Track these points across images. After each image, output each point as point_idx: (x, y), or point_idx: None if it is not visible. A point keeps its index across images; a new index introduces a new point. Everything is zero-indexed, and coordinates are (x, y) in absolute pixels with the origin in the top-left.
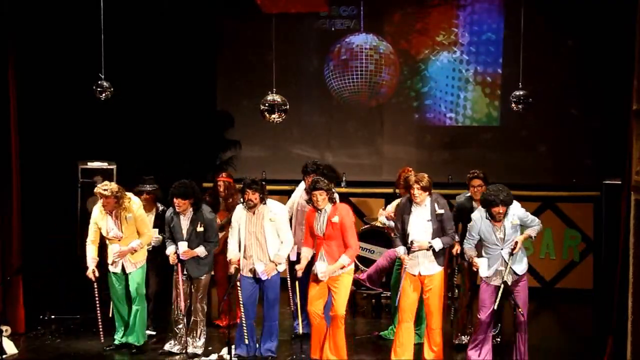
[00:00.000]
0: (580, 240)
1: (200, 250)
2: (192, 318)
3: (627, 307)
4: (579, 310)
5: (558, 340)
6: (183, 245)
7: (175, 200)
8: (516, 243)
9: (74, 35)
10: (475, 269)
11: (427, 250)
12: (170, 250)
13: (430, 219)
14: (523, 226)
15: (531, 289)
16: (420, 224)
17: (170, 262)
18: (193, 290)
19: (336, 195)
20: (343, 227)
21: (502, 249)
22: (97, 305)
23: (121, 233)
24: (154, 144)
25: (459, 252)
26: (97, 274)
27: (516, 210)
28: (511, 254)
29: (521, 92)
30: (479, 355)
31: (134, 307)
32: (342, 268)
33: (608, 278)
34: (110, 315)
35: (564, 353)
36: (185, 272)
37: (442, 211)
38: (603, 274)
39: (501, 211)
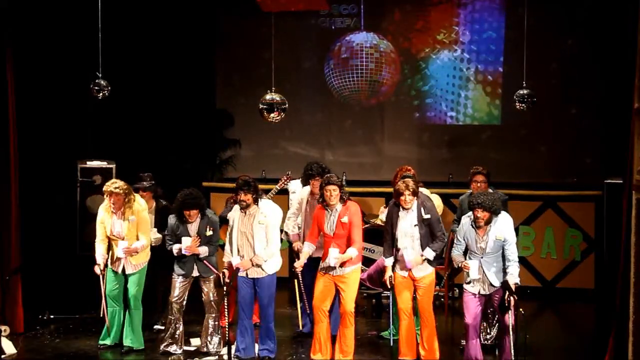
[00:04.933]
0: (582, 240)
1: (203, 250)
2: (207, 314)
3: (628, 307)
4: (580, 309)
5: (559, 339)
6: (187, 241)
7: (186, 212)
8: (512, 298)
9: (72, 34)
10: (466, 271)
11: (421, 263)
12: (176, 247)
13: (417, 224)
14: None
15: (532, 288)
16: (408, 230)
17: (175, 253)
18: (205, 286)
19: None
20: (351, 225)
21: (481, 258)
22: (104, 299)
23: (124, 233)
24: (154, 143)
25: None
26: (103, 270)
27: (505, 227)
28: (508, 309)
29: (525, 91)
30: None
31: (131, 311)
32: (343, 263)
33: (609, 277)
34: (101, 315)
35: (565, 352)
36: (194, 274)
37: (428, 216)
38: (604, 274)
39: (480, 215)
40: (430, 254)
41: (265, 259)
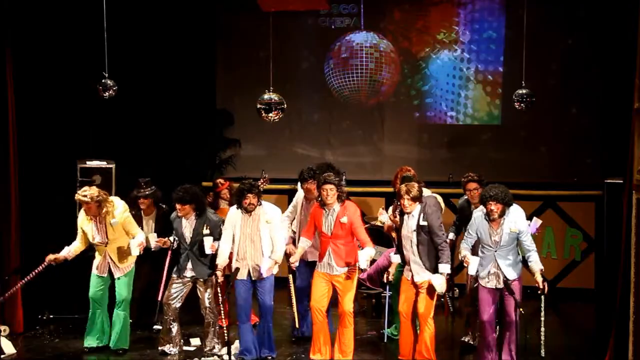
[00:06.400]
0: (582, 240)
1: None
2: (205, 320)
3: (629, 306)
4: (581, 309)
5: (560, 339)
6: (209, 240)
7: (176, 205)
8: (544, 284)
9: (71, 34)
10: (466, 265)
11: (444, 276)
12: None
13: (415, 230)
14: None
15: (532, 288)
16: (407, 234)
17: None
18: (200, 293)
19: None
20: (353, 227)
21: (495, 251)
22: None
23: (106, 239)
24: (154, 142)
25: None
26: (52, 262)
27: (519, 220)
28: (543, 294)
29: (524, 91)
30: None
31: (120, 312)
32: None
33: (610, 277)
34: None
35: (565, 352)
36: (189, 274)
37: (424, 223)
38: (605, 273)
39: (493, 208)
40: (446, 268)
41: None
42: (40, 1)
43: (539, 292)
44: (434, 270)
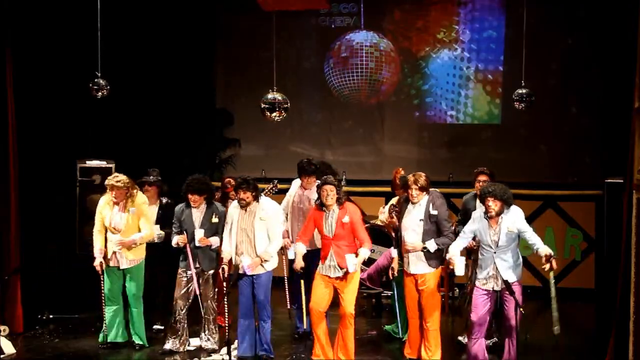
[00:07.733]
0: (582, 239)
1: (215, 240)
2: (205, 316)
3: (629, 306)
4: (581, 309)
5: (560, 339)
6: (200, 233)
7: (190, 196)
8: (551, 262)
9: (71, 34)
10: (451, 267)
11: (422, 251)
12: (178, 237)
13: (423, 219)
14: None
15: (533, 288)
16: (412, 223)
17: (180, 244)
18: (202, 287)
19: None
20: (353, 225)
21: (494, 253)
22: (103, 300)
23: (122, 225)
24: (153, 142)
25: (473, 246)
26: (104, 266)
27: (517, 219)
28: (551, 269)
29: (523, 91)
30: (475, 356)
31: (132, 309)
32: (342, 266)
33: (610, 277)
34: (105, 314)
35: (565, 352)
36: (197, 266)
37: (435, 212)
38: (605, 273)
39: (491, 204)
40: (432, 245)
41: (272, 255)
42: (40, 1)
43: (543, 265)
44: (434, 262)
